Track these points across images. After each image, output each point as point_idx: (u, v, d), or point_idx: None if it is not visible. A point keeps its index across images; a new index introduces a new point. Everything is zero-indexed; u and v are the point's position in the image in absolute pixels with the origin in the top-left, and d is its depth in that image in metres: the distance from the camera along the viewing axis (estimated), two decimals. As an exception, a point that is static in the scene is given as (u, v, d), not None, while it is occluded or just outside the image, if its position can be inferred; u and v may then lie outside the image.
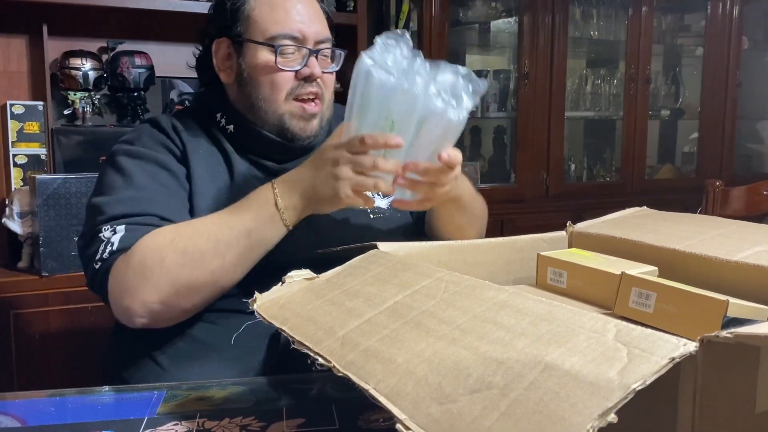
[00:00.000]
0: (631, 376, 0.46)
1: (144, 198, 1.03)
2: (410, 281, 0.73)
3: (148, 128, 1.16)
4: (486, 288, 0.67)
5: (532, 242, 0.98)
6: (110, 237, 0.99)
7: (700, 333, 0.49)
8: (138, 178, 1.06)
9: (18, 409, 0.86)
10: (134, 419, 0.81)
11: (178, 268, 0.96)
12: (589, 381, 0.48)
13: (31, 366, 1.94)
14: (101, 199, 1.05)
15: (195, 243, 0.97)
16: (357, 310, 0.70)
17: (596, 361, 0.49)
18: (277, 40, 1.11)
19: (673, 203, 1.78)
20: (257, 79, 1.12)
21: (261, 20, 1.12)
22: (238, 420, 0.80)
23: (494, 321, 0.60)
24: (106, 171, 1.10)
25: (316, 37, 1.14)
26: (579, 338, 0.53)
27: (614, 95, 3.28)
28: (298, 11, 1.13)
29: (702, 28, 3.41)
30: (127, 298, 0.97)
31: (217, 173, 1.13)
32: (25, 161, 2.18)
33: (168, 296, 0.96)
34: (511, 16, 3.06)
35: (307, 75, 1.12)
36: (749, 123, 3.66)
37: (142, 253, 0.96)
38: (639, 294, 0.72)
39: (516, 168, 2.99)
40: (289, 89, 1.12)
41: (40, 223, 1.93)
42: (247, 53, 1.13)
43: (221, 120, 1.17)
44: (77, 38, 2.34)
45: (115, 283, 0.98)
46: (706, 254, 0.81)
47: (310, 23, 1.13)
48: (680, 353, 0.47)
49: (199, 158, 1.12)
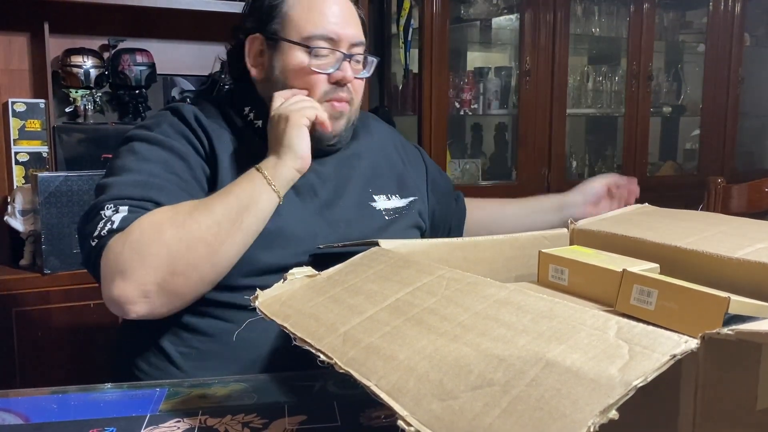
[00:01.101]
0: (632, 372, 0.46)
1: (153, 184, 1.02)
2: (411, 278, 0.73)
3: (169, 116, 1.14)
4: (487, 285, 0.67)
5: (533, 239, 0.98)
6: (111, 215, 0.97)
7: (702, 330, 0.49)
8: (151, 164, 1.04)
9: (20, 406, 0.86)
10: (136, 416, 0.82)
11: (177, 243, 0.94)
12: (590, 378, 0.48)
13: (34, 363, 1.94)
14: (110, 179, 1.03)
15: (192, 217, 0.96)
16: (358, 307, 0.70)
17: (597, 358, 0.50)
18: (312, 40, 1.11)
19: (675, 200, 1.77)
20: (289, 78, 1.12)
21: (297, 19, 1.12)
22: (240, 417, 0.81)
23: (495, 318, 0.60)
24: (120, 153, 1.08)
25: (351, 40, 1.13)
26: (580, 335, 0.53)
27: (616, 92, 3.27)
28: (335, 13, 1.12)
29: (704, 24, 3.41)
30: (120, 281, 0.93)
31: (243, 167, 1.10)
32: (26, 159, 2.18)
33: (164, 276, 0.94)
34: (512, 12, 3.05)
35: (339, 79, 1.12)
36: (751, 120, 3.65)
37: (141, 228, 0.95)
38: (640, 291, 0.72)
39: (517, 165, 2.99)
40: (321, 92, 1.12)
41: (42, 221, 1.94)
42: (281, 52, 1.13)
43: (249, 114, 1.17)
44: (79, 36, 2.34)
45: (109, 262, 0.95)
46: (707, 251, 0.81)
47: (346, 25, 1.13)
48: (681, 350, 0.47)
49: (224, 150, 1.11)
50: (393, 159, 1.30)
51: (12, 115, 2.16)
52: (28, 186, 2.08)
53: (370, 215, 1.18)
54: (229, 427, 0.78)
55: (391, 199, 1.23)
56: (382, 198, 1.22)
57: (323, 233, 1.10)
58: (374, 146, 1.28)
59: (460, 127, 3.13)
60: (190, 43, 2.49)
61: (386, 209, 1.21)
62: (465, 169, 2.99)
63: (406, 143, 1.40)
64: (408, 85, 2.87)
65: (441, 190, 1.39)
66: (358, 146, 1.25)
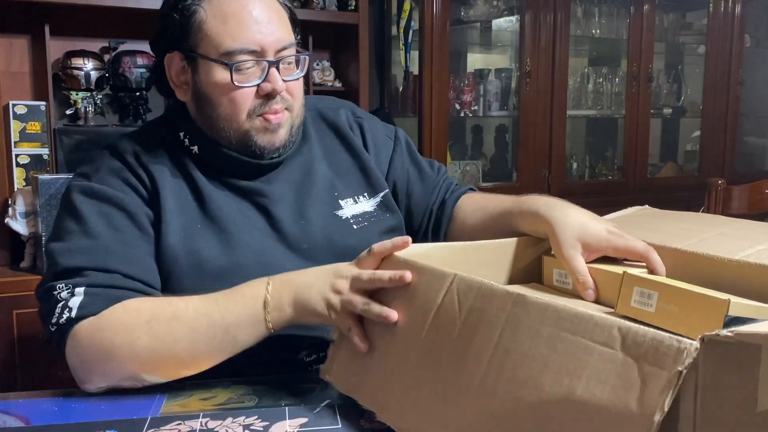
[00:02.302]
0: (649, 404, 0.50)
1: (100, 248, 0.95)
2: (427, 295, 0.77)
3: (107, 159, 1.05)
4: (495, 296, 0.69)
5: (537, 243, 0.98)
6: (68, 299, 0.91)
7: (702, 332, 0.50)
8: (91, 223, 0.97)
9: (21, 409, 0.86)
10: (137, 419, 0.82)
11: (149, 354, 0.89)
12: (614, 413, 0.53)
13: (34, 366, 1.94)
14: (56, 245, 0.97)
15: (170, 328, 0.89)
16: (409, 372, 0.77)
17: (615, 389, 0.53)
18: (232, 56, 0.99)
19: (676, 201, 1.78)
20: (215, 98, 1.02)
21: (213, 34, 1.00)
22: (241, 420, 0.81)
23: (516, 350, 0.64)
24: (61, 212, 1.02)
25: (277, 46, 1.02)
26: (592, 359, 0.56)
27: (616, 93, 3.27)
28: (255, 19, 1.00)
29: (704, 25, 3.41)
30: (85, 373, 0.91)
31: (186, 203, 1.04)
32: (27, 161, 2.18)
33: (131, 376, 0.90)
34: (512, 14, 3.05)
35: (269, 91, 1.02)
36: (752, 121, 3.65)
37: (113, 329, 0.89)
38: (641, 293, 0.72)
39: (518, 166, 2.99)
40: (251, 107, 1.02)
41: (43, 223, 1.94)
42: (201, 70, 1.02)
43: (185, 140, 1.07)
44: (79, 38, 2.34)
45: (75, 352, 0.91)
46: (708, 253, 0.82)
47: (269, 32, 1.01)
48: (686, 365, 0.50)
49: (167, 188, 1.03)
50: (353, 146, 1.17)
51: (13, 118, 2.16)
52: (29, 188, 2.08)
53: (336, 228, 1.08)
54: (229, 429, 0.78)
55: (359, 202, 1.13)
56: (349, 202, 1.12)
57: (282, 261, 1.02)
58: (328, 140, 1.17)
59: (461, 129, 3.13)
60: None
61: (354, 215, 1.11)
62: (465, 171, 3.00)
63: (375, 126, 1.23)
64: (408, 87, 2.87)
65: (408, 167, 1.23)
66: (311, 147, 1.14)
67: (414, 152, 1.25)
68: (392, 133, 1.24)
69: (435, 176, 1.23)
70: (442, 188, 1.22)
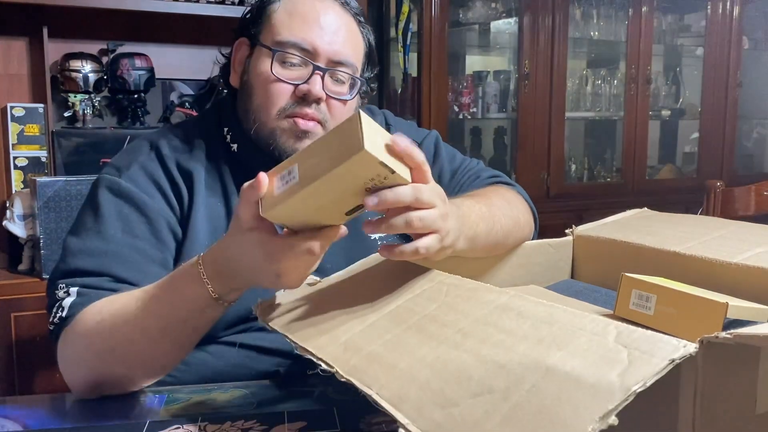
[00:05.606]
0: (631, 378, 0.47)
1: (108, 252, 0.94)
2: (412, 285, 0.73)
3: (145, 154, 1.03)
4: (487, 291, 0.67)
5: (538, 247, 0.98)
6: (63, 299, 0.92)
7: (701, 334, 0.50)
8: (108, 224, 0.96)
9: (19, 412, 0.86)
10: (136, 423, 0.82)
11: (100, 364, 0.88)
12: (589, 383, 0.48)
13: (33, 369, 1.94)
14: (71, 241, 0.97)
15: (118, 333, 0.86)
16: (359, 314, 0.70)
17: (597, 364, 0.50)
18: (281, 46, 0.99)
19: (674, 203, 1.78)
20: (254, 85, 1.02)
21: (277, 24, 1.01)
22: (240, 423, 0.81)
23: (496, 324, 0.60)
24: (86, 203, 1.01)
25: (333, 56, 1.00)
26: (580, 341, 0.53)
27: (615, 95, 3.28)
28: (321, 24, 1.00)
29: (702, 28, 3.41)
30: (66, 376, 0.93)
31: (217, 221, 1.01)
32: (25, 164, 2.18)
33: (96, 384, 0.90)
34: (511, 16, 3.05)
35: (305, 92, 0.98)
36: (750, 123, 3.66)
37: (75, 335, 0.89)
38: (639, 296, 0.72)
39: (516, 169, 2.99)
40: (284, 105, 0.99)
41: (41, 226, 1.94)
42: (255, 55, 1.03)
43: (227, 135, 1.07)
44: (77, 40, 2.34)
45: (59, 355, 0.93)
46: (706, 256, 0.82)
47: (330, 40, 1.00)
48: (680, 355, 0.47)
49: (201, 207, 1.01)
50: None
51: (11, 120, 2.16)
52: (27, 191, 2.08)
53: (364, 249, 0.92)
54: (228, 433, 0.78)
55: None
56: None
57: None
58: None
59: (459, 131, 3.13)
60: (188, 47, 2.49)
61: (381, 236, 1.05)
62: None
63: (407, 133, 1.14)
64: (407, 89, 2.87)
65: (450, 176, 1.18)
66: None
67: (453, 157, 1.20)
68: (430, 140, 1.19)
69: (459, 178, 1.17)
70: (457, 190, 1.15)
